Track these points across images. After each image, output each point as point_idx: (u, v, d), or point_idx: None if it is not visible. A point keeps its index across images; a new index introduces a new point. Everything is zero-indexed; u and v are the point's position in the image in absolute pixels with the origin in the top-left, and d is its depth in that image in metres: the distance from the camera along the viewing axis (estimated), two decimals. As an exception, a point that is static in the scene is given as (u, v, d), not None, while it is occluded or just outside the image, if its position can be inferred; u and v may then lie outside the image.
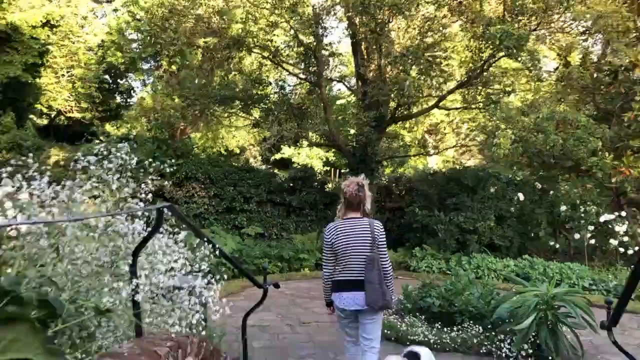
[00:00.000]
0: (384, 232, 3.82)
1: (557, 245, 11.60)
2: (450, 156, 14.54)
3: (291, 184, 14.50)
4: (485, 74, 10.49)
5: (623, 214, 10.49)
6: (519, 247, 12.13)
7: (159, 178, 13.29)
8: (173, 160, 13.20)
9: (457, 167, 13.66)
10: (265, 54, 12.98)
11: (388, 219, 14.37)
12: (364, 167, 12.85)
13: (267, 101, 13.55)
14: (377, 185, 13.67)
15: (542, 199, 12.27)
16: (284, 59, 13.26)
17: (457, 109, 12.55)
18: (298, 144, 25.37)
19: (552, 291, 5.61)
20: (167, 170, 13.20)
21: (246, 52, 13.03)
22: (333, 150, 21.61)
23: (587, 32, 11.13)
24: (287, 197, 14.02)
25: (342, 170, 16.43)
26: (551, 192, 12.03)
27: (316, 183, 14.73)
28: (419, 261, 11.72)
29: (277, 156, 26.09)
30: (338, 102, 18.17)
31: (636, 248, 10.23)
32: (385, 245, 3.81)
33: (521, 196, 12.09)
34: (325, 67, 12.54)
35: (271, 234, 13.80)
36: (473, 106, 11.44)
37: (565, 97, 9.80)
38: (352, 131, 13.19)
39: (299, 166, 18.69)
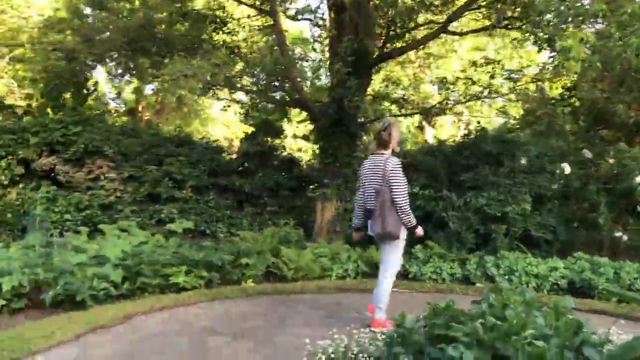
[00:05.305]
0: (395, 168, 4.27)
1: (625, 237, 7.83)
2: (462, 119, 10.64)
3: (244, 163, 10.57)
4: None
5: None
6: (565, 241, 8.36)
7: (49, 153, 9.43)
8: (71, 128, 9.36)
9: (473, 133, 9.75)
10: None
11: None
12: (340, 132, 9.02)
13: (214, 42, 9.72)
14: (360, 160, 9.80)
15: (593, 172, 8.53)
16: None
17: (478, 31, 8.64)
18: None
19: None
20: (57, 141, 9.61)
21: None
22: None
23: None
24: (237, 181, 10.10)
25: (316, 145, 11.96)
26: (611, 161, 8.31)
27: (277, 162, 10.75)
28: (422, 265, 7.85)
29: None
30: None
31: None
32: (395, 180, 4.21)
33: (567, 168, 8.35)
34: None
35: (215, 230, 9.91)
36: (508, 25, 7.56)
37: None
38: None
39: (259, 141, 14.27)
